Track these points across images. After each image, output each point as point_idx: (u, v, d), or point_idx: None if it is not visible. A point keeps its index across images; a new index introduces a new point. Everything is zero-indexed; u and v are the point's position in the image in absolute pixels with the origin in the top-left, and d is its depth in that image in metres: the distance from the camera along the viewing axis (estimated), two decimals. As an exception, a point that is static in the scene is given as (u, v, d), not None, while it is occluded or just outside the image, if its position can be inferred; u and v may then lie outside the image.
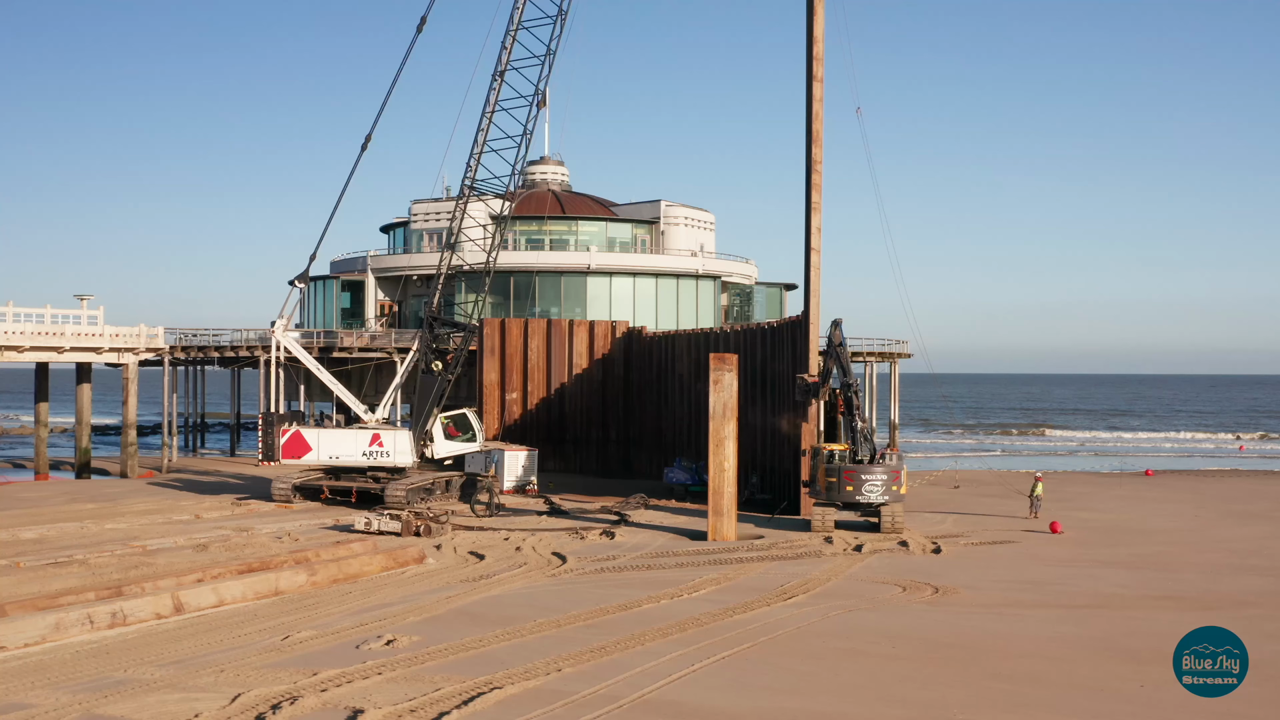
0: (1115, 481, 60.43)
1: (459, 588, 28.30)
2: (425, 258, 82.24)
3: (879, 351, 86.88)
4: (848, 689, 19.24)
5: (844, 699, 18.67)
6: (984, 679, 19.91)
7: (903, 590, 28.60)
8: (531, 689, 18.83)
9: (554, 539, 37.31)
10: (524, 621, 24.14)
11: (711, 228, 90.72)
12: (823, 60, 45.33)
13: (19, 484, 53.92)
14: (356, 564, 29.57)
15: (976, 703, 18.53)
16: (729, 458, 39.10)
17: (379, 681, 19.21)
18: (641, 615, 25.08)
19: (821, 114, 45.43)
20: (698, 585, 28.83)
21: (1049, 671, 20.47)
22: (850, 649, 22.03)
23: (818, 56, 45.38)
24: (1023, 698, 18.88)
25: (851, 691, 19.09)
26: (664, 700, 18.40)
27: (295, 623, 23.82)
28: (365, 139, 47.97)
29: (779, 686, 19.29)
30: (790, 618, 24.86)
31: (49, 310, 55.49)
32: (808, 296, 46.35)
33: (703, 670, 20.24)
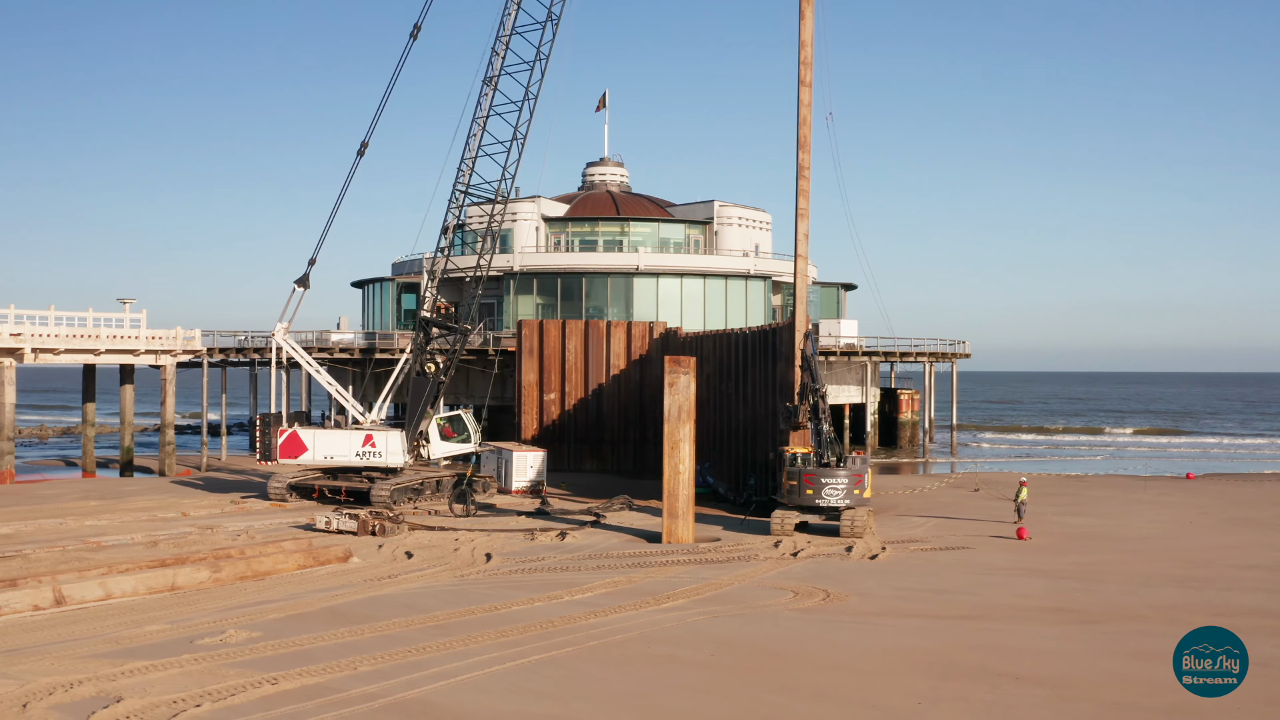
0: (1141, 485, 58.13)
1: (356, 587, 29.07)
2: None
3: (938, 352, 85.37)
4: (613, 696, 19.28)
5: (600, 706, 18.73)
6: (767, 690, 19.69)
7: (793, 595, 28.29)
8: (306, 686, 19.42)
9: (504, 539, 37.87)
10: (378, 621, 24.75)
11: (767, 228, 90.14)
12: (811, 65, 44.86)
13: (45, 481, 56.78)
14: (269, 562, 30.58)
15: (732, 714, 18.39)
16: (684, 460, 39.06)
17: (173, 674, 20.04)
18: (502, 617, 25.42)
19: (810, 119, 44.92)
20: (591, 588, 29.01)
21: (843, 685, 20.11)
22: (667, 655, 22.00)
23: (805, 61, 44.92)
24: (784, 710, 18.65)
25: (615, 699, 19.12)
26: (420, 700, 18.76)
27: (159, 616, 24.91)
28: (361, 145, 49.23)
29: (549, 691, 19.44)
30: (646, 622, 24.89)
31: (91, 313, 58.37)
32: (794, 302, 45.98)
33: (495, 673, 20.51)
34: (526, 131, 48.34)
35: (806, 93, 44.59)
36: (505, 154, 48.05)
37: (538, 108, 47.66)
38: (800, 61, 44.59)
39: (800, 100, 44.55)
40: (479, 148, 48.38)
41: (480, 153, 48.51)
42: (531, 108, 48.19)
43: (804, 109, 44.56)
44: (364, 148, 49.35)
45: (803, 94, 44.54)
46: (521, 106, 47.88)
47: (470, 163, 48.38)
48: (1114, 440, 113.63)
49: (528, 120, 48.14)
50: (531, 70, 47.70)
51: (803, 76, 44.58)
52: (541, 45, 47.70)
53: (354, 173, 49.52)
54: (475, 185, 48.68)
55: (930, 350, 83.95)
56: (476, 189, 48.94)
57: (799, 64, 44.60)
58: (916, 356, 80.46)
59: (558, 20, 47.83)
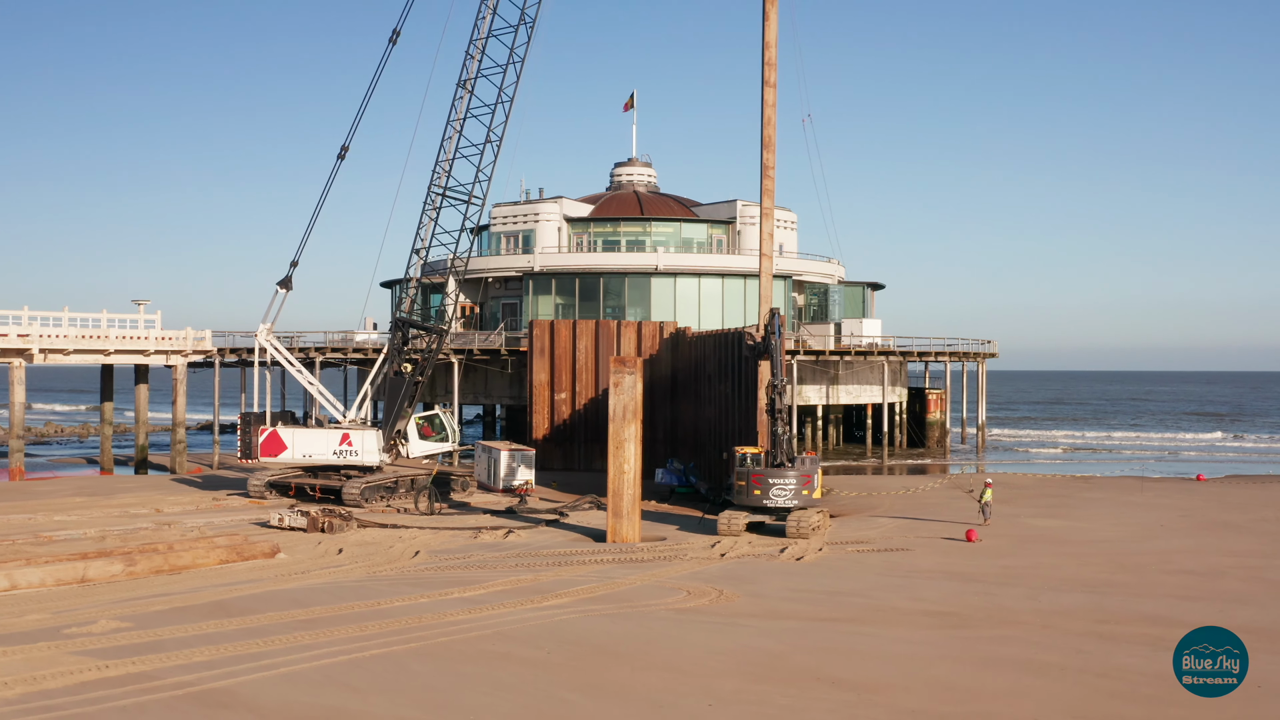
0: (1138, 487, 56.61)
1: (262, 582, 29.77)
2: (502, 260, 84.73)
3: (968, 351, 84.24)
4: (415, 691, 19.54)
5: (394, 700, 19.02)
6: (569, 689, 19.80)
7: (686, 595, 28.29)
8: (130, 673, 20.13)
9: (448, 537, 38.42)
10: (255, 614, 25.39)
11: (792, 226, 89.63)
12: (775, 65, 44.73)
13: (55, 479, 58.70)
14: (189, 556, 31.45)
15: (515, 710, 18.59)
16: (629, 460, 39.19)
17: (14, 660, 20.92)
18: (376, 612, 25.85)
19: (774, 119, 44.81)
20: (489, 585, 29.34)
21: (651, 685, 20.13)
22: (503, 653, 22.22)
23: (770, 62, 44.80)
24: (569, 708, 18.78)
25: (414, 694, 19.39)
26: (225, 690, 19.32)
27: (49, 607, 25.89)
28: (341, 149, 50.07)
29: (358, 685, 19.80)
30: (513, 620, 25.12)
31: (105, 315, 60.29)
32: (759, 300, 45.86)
33: (321, 666, 20.95)
34: (502, 134, 48.86)
35: (771, 93, 44.45)
36: (479, 155, 48.57)
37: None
38: (764, 62, 44.47)
39: (764, 100, 44.42)
40: (456, 150, 48.99)
41: (458, 155, 49.12)
42: (507, 110, 48.72)
43: (768, 109, 44.43)
44: (344, 151, 50.22)
45: (767, 94, 44.40)
46: (495, 109, 48.40)
47: (446, 165, 48.98)
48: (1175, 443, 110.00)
49: (503, 122, 48.67)
50: (505, 73, 48.19)
51: (767, 77, 44.44)
52: (515, 48, 48.19)
53: (334, 176, 50.45)
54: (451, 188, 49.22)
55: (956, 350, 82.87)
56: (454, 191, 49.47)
57: (763, 65, 44.48)
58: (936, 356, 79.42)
59: (532, 23, 48.27)
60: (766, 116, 44.24)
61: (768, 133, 44.34)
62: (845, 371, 79.79)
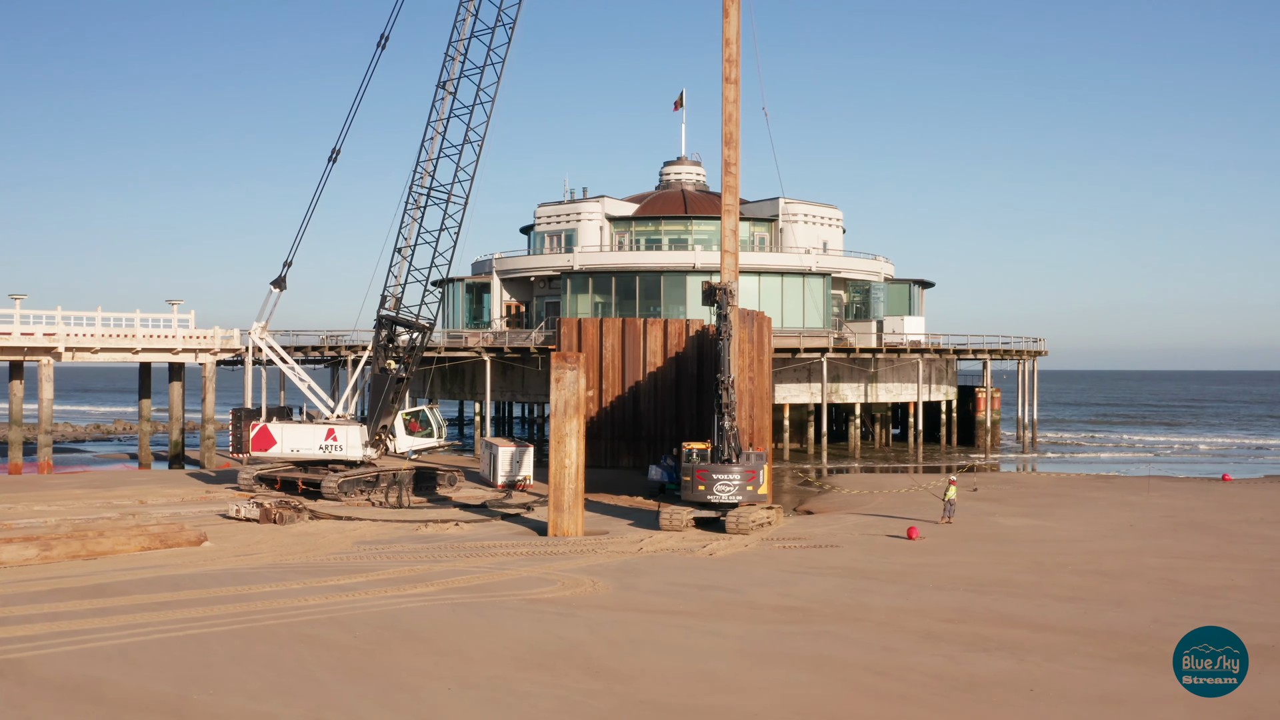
0: (1145, 486, 54.50)
1: (164, 567, 30.85)
2: (544, 259, 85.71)
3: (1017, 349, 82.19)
4: (189, 669, 20.14)
5: (158, 676, 19.65)
6: (330, 670, 20.20)
7: (559, 586, 28.42)
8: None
9: (392, 529, 39.27)
10: (123, 596, 26.47)
11: (838, 224, 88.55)
12: (736, 63, 44.44)
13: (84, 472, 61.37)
14: (108, 543, 32.80)
15: (266, 686, 19.10)
16: (570, 455, 39.39)
17: None
18: (237, 596, 26.68)
19: (736, 116, 44.53)
20: (377, 574, 29.94)
21: (421, 668, 20.41)
22: (314, 636, 22.73)
23: (730, 59, 44.53)
24: (316, 685, 19.20)
25: (187, 672, 19.96)
26: (14, 662, 20.25)
27: (-63, 587, 27.31)
28: (333, 152, 51.39)
29: (146, 661, 20.50)
30: (359, 605, 25.64)
31: (138, 314, 62.92)
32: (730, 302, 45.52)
33: (127, 643, 21.77)
34: (484, 134, 49.55)
35: (732, 90, 44.18)
36: (459, 155, 49.31)
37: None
38: (725, 59, 44.21)
39: (725, 97, 44.17)
40: (439, 151, 49.82)
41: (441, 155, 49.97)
42: (488, 111, 49.42)
43: (729, 105, 44.16)
44: (335, 155, 51.54)
45: (727, 91, 44.15)
46: (473, 110, 49.09)
47: (430, 165, 49.84)
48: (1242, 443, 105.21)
49: (484, 123, 49.35)
50: (483, 73, 48.85)
51: (727, 74, 44.18)
52: (494, 49, 48.82)
53: (325, 180, 51.78)
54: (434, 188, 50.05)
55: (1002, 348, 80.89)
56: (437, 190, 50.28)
57: (723, 61, 44.22)
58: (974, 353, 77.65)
59: (511, 24, 48.81)
60: (727, 114, 43.95)
61: (728, 129, 44.05)
62: (886, 369, 78.57)
